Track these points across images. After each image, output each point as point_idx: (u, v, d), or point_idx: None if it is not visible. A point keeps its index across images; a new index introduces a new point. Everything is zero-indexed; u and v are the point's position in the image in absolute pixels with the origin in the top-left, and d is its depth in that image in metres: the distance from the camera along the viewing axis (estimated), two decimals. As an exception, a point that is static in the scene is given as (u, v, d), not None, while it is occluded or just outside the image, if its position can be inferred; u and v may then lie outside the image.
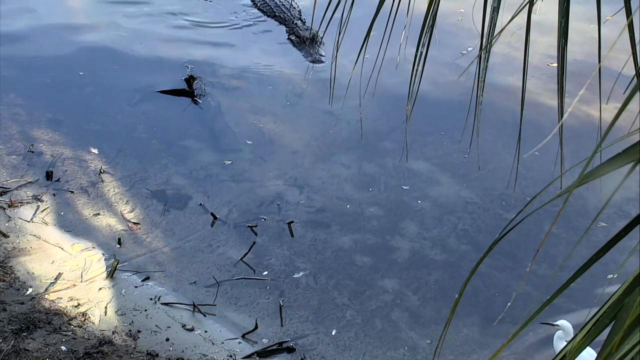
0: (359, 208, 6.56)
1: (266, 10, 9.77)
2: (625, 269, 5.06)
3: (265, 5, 9.81)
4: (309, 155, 7.25)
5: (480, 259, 1.75)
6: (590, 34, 7.59)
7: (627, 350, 1.39)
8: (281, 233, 6.27)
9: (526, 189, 6.47)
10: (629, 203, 6.47)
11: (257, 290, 5.71)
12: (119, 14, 9.66)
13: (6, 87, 7.89)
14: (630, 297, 1.44)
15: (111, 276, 5.65)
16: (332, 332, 5.37)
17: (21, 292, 5.41)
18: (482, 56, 2.37)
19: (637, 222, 1.54)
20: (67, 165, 6.87)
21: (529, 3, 2.14)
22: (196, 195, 6.64)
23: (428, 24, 2.32)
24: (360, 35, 2.41)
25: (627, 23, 1.84)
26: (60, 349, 4.88)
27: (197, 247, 6.09)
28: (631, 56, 2.08)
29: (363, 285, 5.75)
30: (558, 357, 1.61)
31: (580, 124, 7.28)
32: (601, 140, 1.48)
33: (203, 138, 7.47)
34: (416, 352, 5.26)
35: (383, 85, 7.23)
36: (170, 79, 8.26)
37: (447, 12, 8.56)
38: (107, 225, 6.24)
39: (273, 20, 9.66)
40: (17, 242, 5.89)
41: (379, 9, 2.29)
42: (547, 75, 8.01)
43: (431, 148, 7.34)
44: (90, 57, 8.66)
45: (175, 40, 9.16)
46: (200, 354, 5.09)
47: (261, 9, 9.82)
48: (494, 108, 7.45)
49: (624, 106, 1.45)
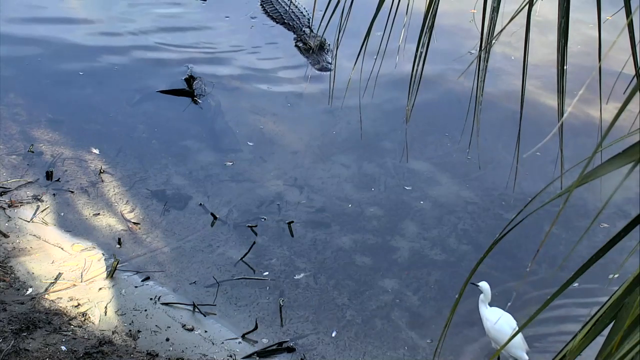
0: (359, 208, 6.56)
1: (275, 16, 9.79)
2: (626, 269, 5.06)
3: (275, 11, 9.83)
4: (309, 155, 7.25)
5: (480, 259, 1.75)
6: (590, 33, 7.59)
7: (627, 350, 1.39)
8: (281, 233, 6.26)
9: (526, 189, 6.47)
10: (629, 203, 6.47)
11: (257, 290, 5.71)
12: (119, 14, 9.66)
13: (6, 87, 7.89)
14: (630, 297, 1.45)
15: (111, 276, 5.65)
16: (333, 335, 5.36)
17: (21, 292, 5.41)
18: (481, 56, 2.37)
19: (637, 222, 1.54)
20: (67, 165, 6.87)
21: (528, 3, 2.14)
22: (196, 195, 6.64)
23: (428, 24, 2.32)
24: (360, 36, 2.41)
25: (626, 23, 1.84)
26: (60, 349, 4.88)
27: (197, 247, 6.09)
28: (631, 56, 2.08)
29: (363, 285, 5.75)
30: (558, 357, 1.61)
31: (580, 123, 7.28)
32: (601, 140, 1.48)
33: (203, 138, 7.47)
34: (416, 352, 5.26)
35: (383, 85, 7.25)
36: (170, 79, 8.26)
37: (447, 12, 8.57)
38: (107, 225, 6.24)
39: (282, 27, 9.67)
40: (17, 242, 5.89)
41: (379, 9, 2.29)
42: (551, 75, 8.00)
43: (431, 148, 7.34)
44: (90, 57, 8.66)
45: (175, 40, 9.16)
46: (200, 354, 5.08)
47: (271, 15, 9.84)
48: (494, 108, 7.45)
49: (624, 106, 1.45)
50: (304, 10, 9.82)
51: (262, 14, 9.95)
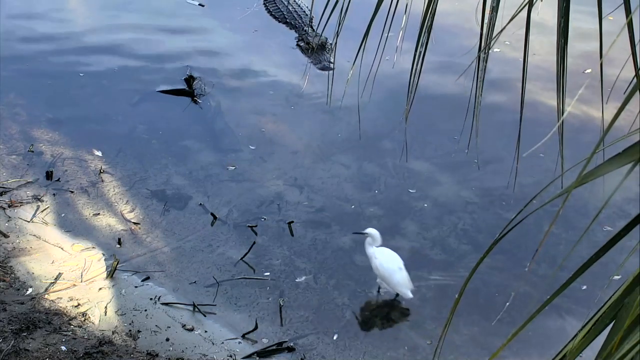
0: (359, 208, 6.56)
1: (278, 15, 9.80)
2: (626, 269, 5.06)
3: (277, 11, 9.83)
4: (309, 155, 7.25)
5: (480, 259, 1.75)
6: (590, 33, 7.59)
7: (627, 350, 1.39)
8: (281, 233, 6.26)
9: (526, 189, 6.46)
10: (629, 203, 6.46)
11: (257, 290, 5.71)
12: (119, 14, 9.66)
13: (6, 87, 7.89)
14: (630, 297, 1.44)
15: (111, 276, 5.64)
16: (334, 337, 5.35)
17: (21, 292, 5.41)
18: (481, 56, 2.37)
19: (637, 222, 1.54)
20: (67, 165, 6.87)
21: (528, 3, 2.14)
22: (196, 195, 6.64)
23: (427, 24, 2.32)
24: (360, 36, 2.41)
25: (626, 22, 1.83)
26: (60, 349, 4.88)
27: (197, 247, 6.09)
28: (631, 56, 2.08)
29: (363, 285, 5.75)
30: (558, 357, 1.60)
31: (580, 123, 7.27)
32: (600, 140, 1.48)
33: (203, 138, 7.47)
34: (416, 352, 5.26)
35: (383, 85, 7.25)
36: (170, 79, 8.26)
37: (447, 12, 8.58)
38: (107, 225, 6.24)
39: (284, 26, 9.66)
40: (17, 242, 5.88)
41: (377, 9, 2.29)
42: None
43: (431, 148, 7.34)
44: (90, 57, 8.66)
45: (175, 41, 9.16)
46: (200, 354, 5.08)
47: (273, 15, 9.84)
48: (494, 108, 7.45)
49: (624, 106, 1.45)
50: (306, 9, 9.83)
51: (264, 14, 9.94)
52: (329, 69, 8.54)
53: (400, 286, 5.40)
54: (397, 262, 5.45)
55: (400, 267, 5.43)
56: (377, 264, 5.46)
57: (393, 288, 5.46)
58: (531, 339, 5.24)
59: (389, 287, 5.48)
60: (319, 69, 8.66)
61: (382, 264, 5.43)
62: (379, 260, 5.45)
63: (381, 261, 5.44)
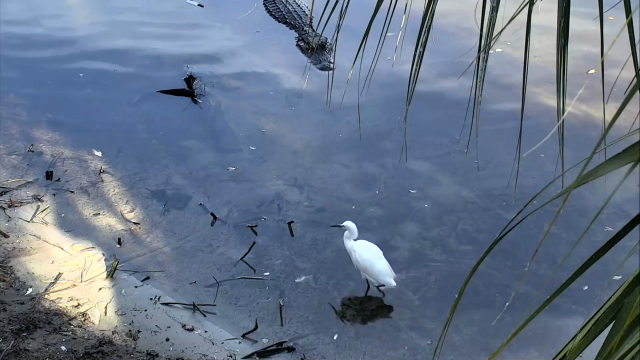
0: (359, 208, 6.56)
1: (278, 15, 9.79)
2: (626, 269, 5.05)
3: (277, 11, 9.83)
4: (309, 155, 7.25)
5: (480, 259, 1.74)
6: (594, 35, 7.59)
7: (627, 350, 1.39)
8: (281, 233, 6.26)
9: (526, 189, 6.46)
10: (629, 203, 6.46)
11: (257, 290, 5.71)
12: (119, 14, 9.66)
13: (6, 87, 7.89)
14: (630, 297, 1.44)
15: (111, 276, 5.64)
16: (334, 337, 5.34)
17: (21, 292, 5.41)
18: (481, 56, 2.37)
19: (637, 222, 1.54)
20: (67, 165, 6.87)
21: (529, 3, 2.14)
22: (196, 195, 6.64)
23: (426, 24, 2.31)
24: (360, 36, 2.40)
25: (626, 22, 1.83)
26: (60, 349, 4.88)
27: (197, 247, 6.09)
28: (631, 56, 2.08)
29: (363, 285, 5.75)
30: (558, 357, 1.60)
31: (580, 124, 7.27)
32: (600, 140, 1.48)
33: (203, 138, 7.47)
34: (416, 352, 5.26)
35: (383, 85, 7.24)
36: (170, 79, 8.26)
37: (448, 12, 8.58)
38: (107, 225, 6.24)
39: (284, 26, 9.66)
40: (17, 242, 5.88)
41: (377, 9, 2.29)
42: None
43: (431, 148, 7.34)
44: (90, 57, 8.66)
45: (175, 41, 9.16)
46: (200, 354, 5.08)
47: (273, 15, 9.83)
48: (495, 108, 7.44)
49: (624, 106, 1.45)
50: (306, 9, 9.82)
51: (264, 14, 9.94)
52: (329, 69, 8.54)
53: (382, 275, 5.44)
54: (377, 252, 5.50)
55: (380, 257, 5.47)
56: (357, 257, 5.50)
57: (376, 279, 5.49)
58: (531, 339, 5.24)
59: (372, 278, 5.51)
60: (319, 69, 8.66)
61: (362, 255, 5.48)
62: (358, 253, 5.50)
63: (360, 253, 5.49)
